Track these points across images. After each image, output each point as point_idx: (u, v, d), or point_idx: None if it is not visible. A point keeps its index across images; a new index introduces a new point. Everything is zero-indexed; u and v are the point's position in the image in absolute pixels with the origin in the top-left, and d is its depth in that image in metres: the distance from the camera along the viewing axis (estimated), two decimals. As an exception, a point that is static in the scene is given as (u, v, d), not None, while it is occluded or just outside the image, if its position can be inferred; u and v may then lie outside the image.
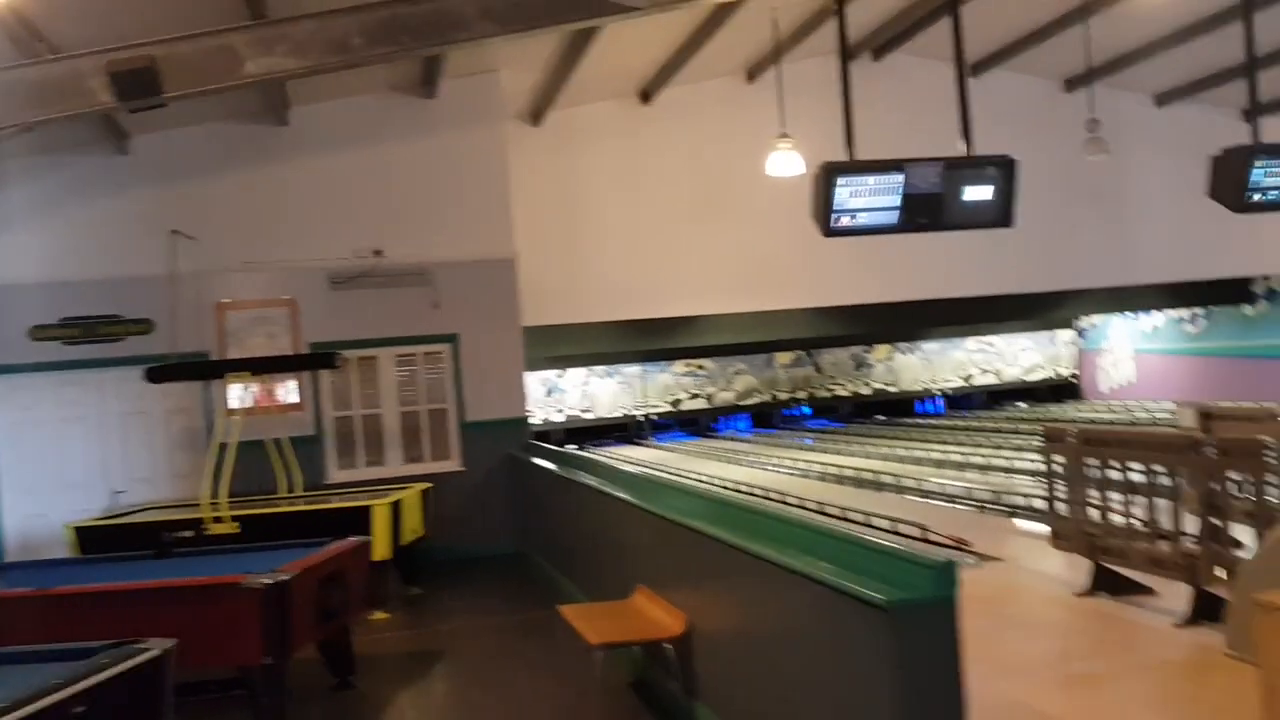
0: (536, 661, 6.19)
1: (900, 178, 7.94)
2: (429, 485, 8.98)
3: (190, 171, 9.86)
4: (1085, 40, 12.12)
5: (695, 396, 23.61)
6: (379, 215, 10.17)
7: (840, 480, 14.54)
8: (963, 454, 15.74)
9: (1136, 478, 6.50)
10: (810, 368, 24.23)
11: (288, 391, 9.76)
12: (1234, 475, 5.88)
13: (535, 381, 22.43)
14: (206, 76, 7.01)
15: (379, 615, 7.99)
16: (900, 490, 12.99)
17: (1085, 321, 24.61)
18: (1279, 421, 6.99)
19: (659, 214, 12.96)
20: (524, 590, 8.27)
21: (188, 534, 7.74)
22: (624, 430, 23.40)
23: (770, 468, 16.89)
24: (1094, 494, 6.84)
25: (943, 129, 13.62)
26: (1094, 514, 6.83)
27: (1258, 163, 8.52)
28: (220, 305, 9.87)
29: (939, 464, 15.25)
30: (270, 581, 5.10)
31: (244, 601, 5.06)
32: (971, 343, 24.65)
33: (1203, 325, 21.65)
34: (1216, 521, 5.76)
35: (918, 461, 15.90)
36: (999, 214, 8.17)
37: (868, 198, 7.95)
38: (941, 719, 3.07)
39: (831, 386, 24.41)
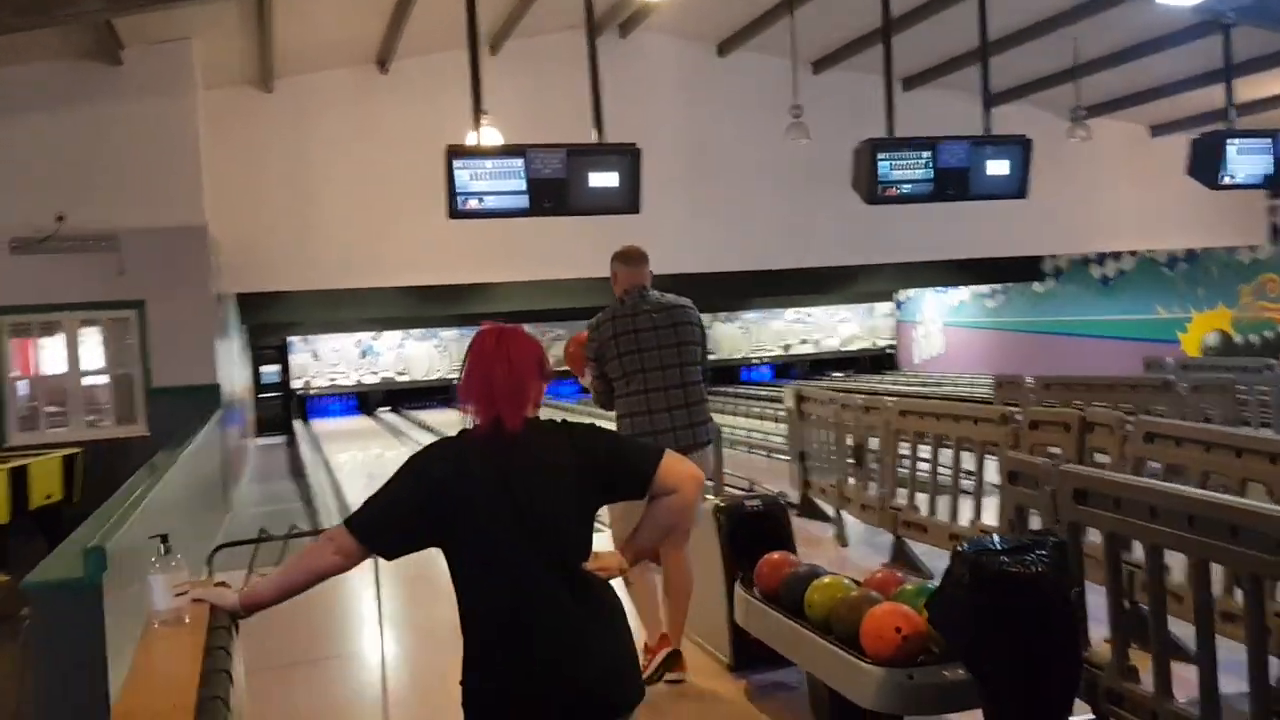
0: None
1: (521, 163, 8.21)
2: (77, 451, 9.10)
3: None
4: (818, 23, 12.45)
5: (513, 361, 23.83)
6: (64, 181, 10.14)
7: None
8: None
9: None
10: (630, 334, 24.60)
11: None
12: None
13: (349, 342, 22.56)
14: None
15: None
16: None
17: (902, 295, 25.33)
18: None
19: (415, 181, 13.08)
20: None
21: None
22: (445, 393, 23.60)
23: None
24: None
25: (688, 106, 14.09)
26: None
27: (881, 155, 8.95)
28: (-109, 267, 9.84)
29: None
30: None
31: None
32: (790, 313, 25.24)
33: (1000, 301, 22.43)
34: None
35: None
36: (625, 200, 8.47)
37: (489, 181, 8.20)
38: (80, 695, 3.30)
39: (653, 353, 24.84)
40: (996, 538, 3.41)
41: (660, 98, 14.10)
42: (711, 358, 24.83)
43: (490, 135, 10.87)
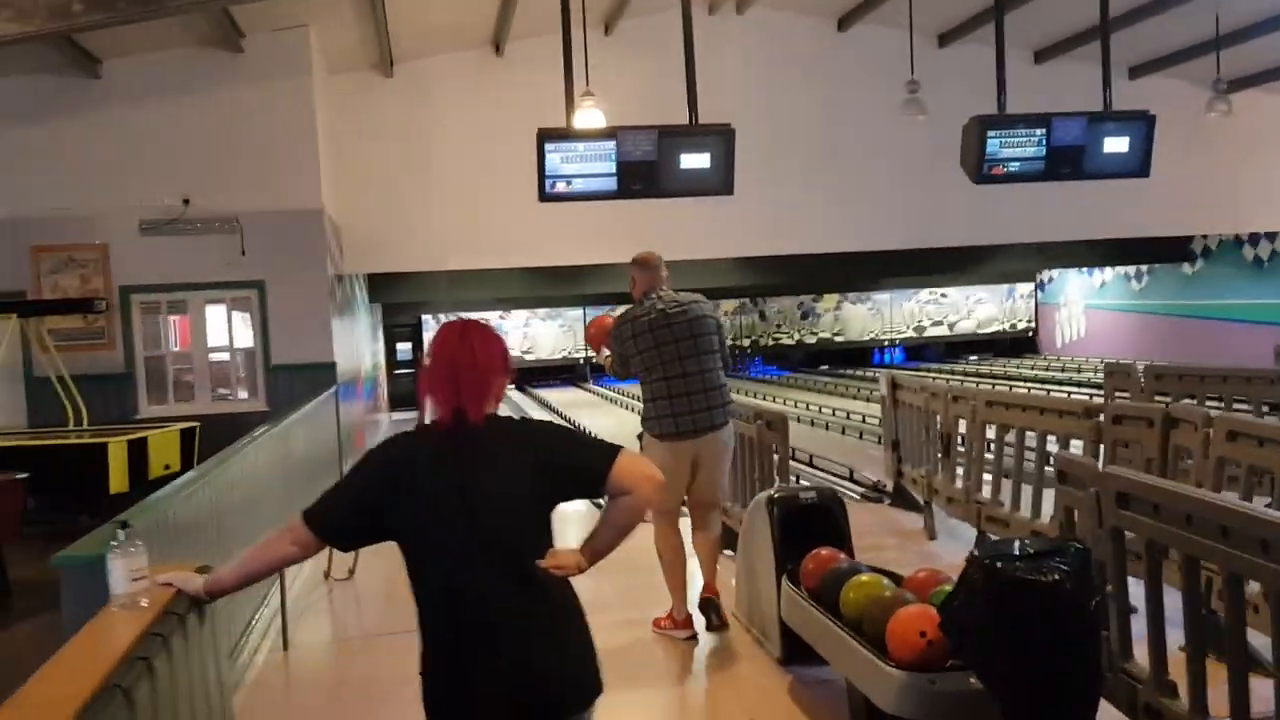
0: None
1: (612, 145, 8.18)
2: (195, 425, 9.54)
3: (6, 121, 10.38)
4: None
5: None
6: (189, 166, 10.63)
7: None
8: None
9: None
10: (755, 315, 24.39)
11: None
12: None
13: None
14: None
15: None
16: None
17: (1044, 275, 24.37)
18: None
19: (533, 163, 13.22)
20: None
21: (-56, 460, 8.43)
22: (570, 372, 23.89)
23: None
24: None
25: (809, 82, 13.79)
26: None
27: (991, 133, 8.60)
28: (35, 248, 10.47)
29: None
30: None
31: None
32: (924, 294, 24.55)
33: (1146, 282, 21.37)
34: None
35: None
36: (718, 181, 8.35)
37: (579, 164, 8.21)
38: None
39: (777, 335, 24.56)
40: (1017, 542, 3.25)
41: (781, 74, 13.91)
42: (839, 339, 24.56)
43: (592, 117, 10.95)
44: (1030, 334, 24.88)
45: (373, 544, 2.50)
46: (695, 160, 8.26)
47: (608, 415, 17.46)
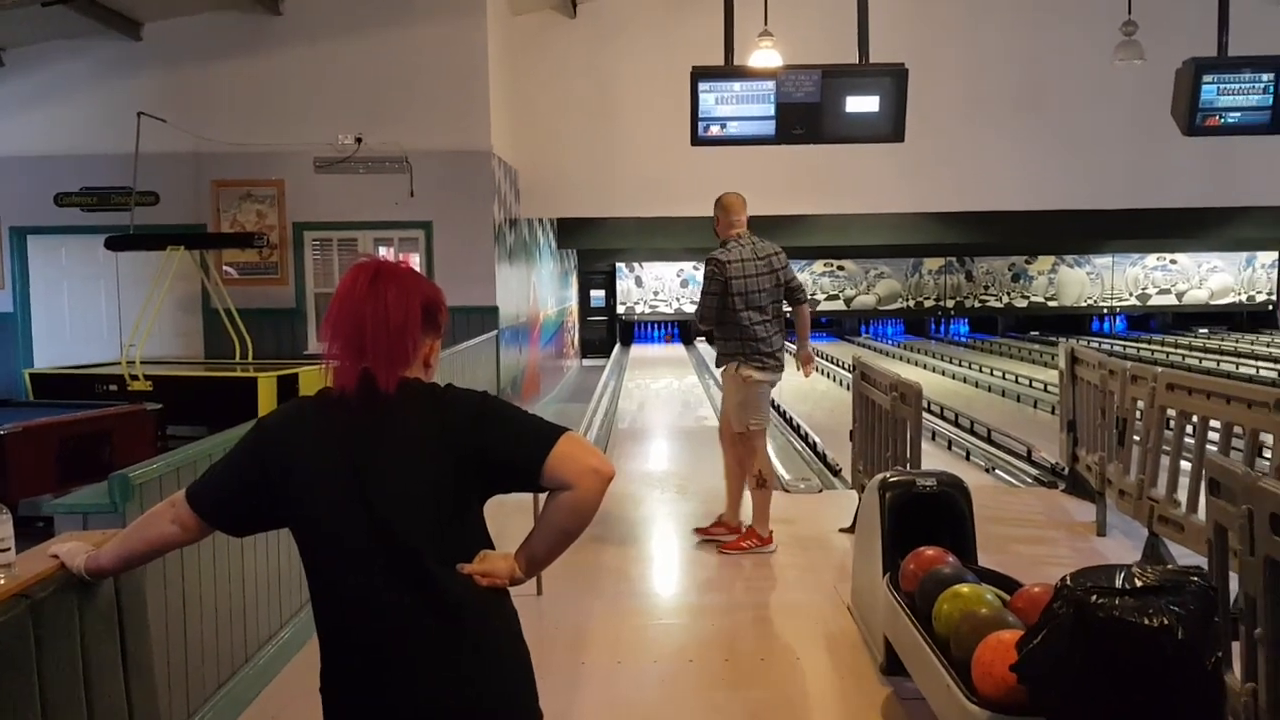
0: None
1: (771, 85, 7.59)
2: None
3: (195, 57, 10.65)
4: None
5: (833, 298, 23.00)
6: (364, 104, 10.64)
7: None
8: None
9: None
10: (961, 275, 22.97)
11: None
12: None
13: (670, 271, 22.69)
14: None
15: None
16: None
17: (1294, 244, 21.93)
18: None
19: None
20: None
21: (112, 388, 8.76)
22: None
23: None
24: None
25: (1021, 19, 12.54)
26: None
27: (1207, 78, 7.49)
28: (216, 183, 10.76)
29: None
30: (-15, 434, 5.88)
31: (-35, 447, 5.85)
32: (1151, 259, 22.50)
33: None
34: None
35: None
36: (887, 127, 7.65)
37: (735, 105, 7.67)
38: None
39: (984, 297, 23.07)
40: (1123, 572, 2.59)
41: (988, 12, 12.80)
42: (1053, 304, 22.90)
43: (768, 58, 10.28)
44: (1271, 307, 22.49)
45: (270, 529, 2.12)
46: (862, 103, 7.60)
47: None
